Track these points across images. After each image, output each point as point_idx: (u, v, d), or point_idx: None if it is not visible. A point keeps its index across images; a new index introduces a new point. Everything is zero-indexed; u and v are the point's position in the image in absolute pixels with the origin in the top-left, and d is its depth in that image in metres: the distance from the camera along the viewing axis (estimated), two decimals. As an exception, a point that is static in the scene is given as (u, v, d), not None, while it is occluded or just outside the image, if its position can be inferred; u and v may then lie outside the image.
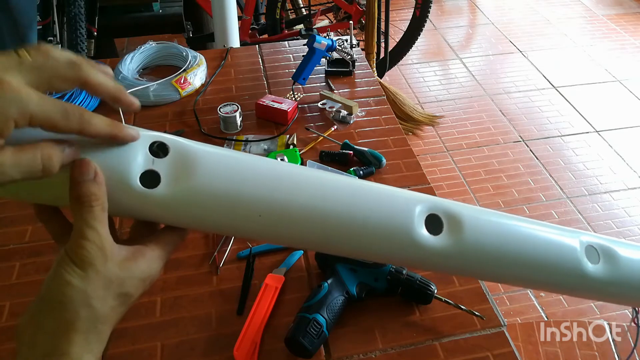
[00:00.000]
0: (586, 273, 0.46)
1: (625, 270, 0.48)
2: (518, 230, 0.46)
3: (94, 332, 0.35)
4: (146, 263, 0.37)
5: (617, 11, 3.30)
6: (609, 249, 0.48)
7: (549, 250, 0.46)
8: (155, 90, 1.07)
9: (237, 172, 0.40)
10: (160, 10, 2.24)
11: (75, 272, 0.34)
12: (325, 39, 1.11)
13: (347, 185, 0.43)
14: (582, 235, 0.48)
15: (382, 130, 1.01)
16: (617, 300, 0.51)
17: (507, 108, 2.46)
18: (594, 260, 0.47)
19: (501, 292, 1.63)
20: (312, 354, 0.62)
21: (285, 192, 0.40)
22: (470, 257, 0.44)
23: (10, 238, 0.79)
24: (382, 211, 0.42)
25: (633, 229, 1.85)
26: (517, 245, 0.45)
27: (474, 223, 0.44)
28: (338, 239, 0.42)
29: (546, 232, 0.47)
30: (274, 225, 0.40)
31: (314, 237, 0.42)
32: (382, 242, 0.42)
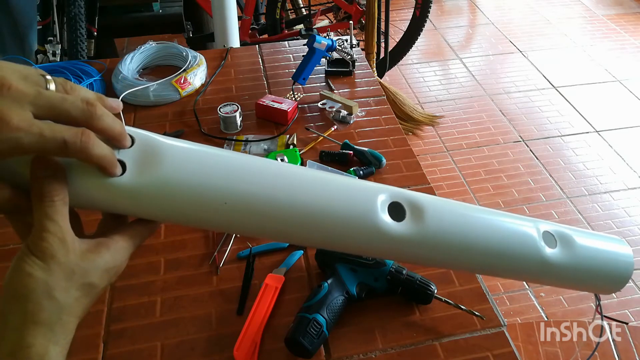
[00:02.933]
0: (544, 257, 0.48)
1: (582, 255, 0.49)
2: (479, 217, 0.48)
3: (59, 324, 0.35)
4: (109, 254, 0.37)
5: (617, 11, 3.30)
6: (566, 235, 0.50)
7: (509, 236, 0.48)
8: (155, 90, 1.07)
9: (202, 163, 0.40)
10: (160, 10, 2.24)
11: (36, 264, 0.34)
12: (325, 39, 1.11)
13: (312, 177, 0.44)
14: (540, 223, 0.50)
15: (382, 130, 1.01)
16: (576, 285, 0.53)
17: (507, 108, 2.46)
18: (552, 245, 0.49)
19: (501, 292, 1.63)
20: (312, 354, 0.62)
21: (249, 183, 0.40)
22: (433, 243, 0.45)
23: (10, 238, 0.79)
24: (347, 200, 0.43)
25: (633, 229, 1.85)
26: (478, 232, 0.46)
27: (436, 211, 0.45)
28: (304, 228, 0.42)
29: (506, 220, 0.49)
30: (240, 214, 0.40)
31: (281, 227, 0.42)
32: (347, 230, 0.43)
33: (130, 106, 1.07)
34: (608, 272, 0.51)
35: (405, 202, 0.45)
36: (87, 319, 0.68)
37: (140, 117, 1.04)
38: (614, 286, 0.53)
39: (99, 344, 0.66)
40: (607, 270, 0.51)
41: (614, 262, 0.52)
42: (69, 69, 1.12)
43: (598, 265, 0.51)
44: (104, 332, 0.67)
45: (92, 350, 0.65)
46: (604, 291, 0.54)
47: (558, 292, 1.64)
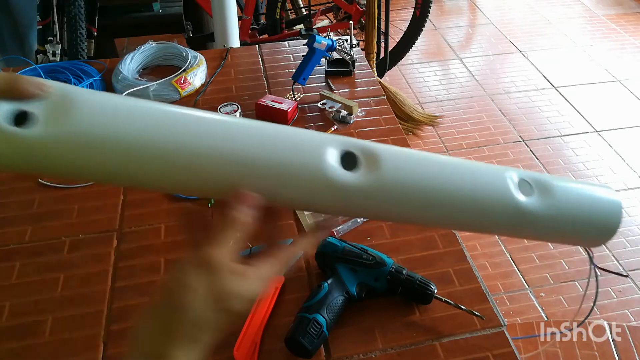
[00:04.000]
0: (519, 206, 0.44)
1: (563, 202, 0.45)
2: (442, 164, 0.44)
3: (200, 345, 0.36)
4: (255, 283, 0.38)
5: (617, 11, 3.30)
6: (543, 181, 0.46)
7: (477, 185, 0.44)
8: (155, 90, 1.07)
9: (121, 113, 0.37)
10: (160, 10, 2.24)
11: (203, 281, 0.35)
12: (325, 39, 1.11)
13: (251, 126, 0.40)
14: (514, 171, 0.46)
15: (382, 130, 1.01)
16: (559, 236, 0.49)
17: (507, 108, 2.46)
18: (528, 192, 0.45)
19: (501, 292, 1.63)
20: (312, 354, 0.62)
21: (181, 133, 0.37)
22: (390, 193, 0.41)
23: (10, 238, 0.79)
24: (294, 148, 0.40)
25: (633, 229, 1.85)
26: (442, 180, 0.43)
27: (393, 158, 0.42)
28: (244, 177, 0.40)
29: (475, 168, 0.45)
30: (149, 164, 0.37)
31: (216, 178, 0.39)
32: (296, 181, 0.40)
33: (130, 106, 1.07)
34: (594, 219, 0.47)
35: (358, 150, 0.41)
36: (87, 319, 0.68)
37: (140, 117, 1.04)
38: (602, 236, 0.48)
39: (99, 344, 0.66)
40: (594, 218, 0.46)
41: (601, 207, 0.47)
42: (69, 69, 1.12)
43: (582, 213, 0.46)
44: (104, 332, 0.67)
45: (92, 350, 0.65)
46: (592, 242, 0.50)
47: (558, 292, 1.64)
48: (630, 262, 1.73)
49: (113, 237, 0.80)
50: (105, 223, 0.82)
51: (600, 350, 1.44)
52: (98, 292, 0.72)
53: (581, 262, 1.73)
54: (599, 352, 1.44)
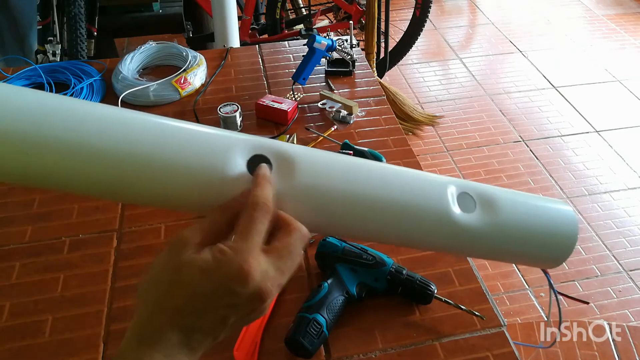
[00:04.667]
0: (455, 222, 0.41)
1: (508, 219, 0.42)
2: (371, 171, 0.41)
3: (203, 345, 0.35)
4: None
5: (617, 11, 3.30)
6: (488, 196, 0.42)
7: (411, 195, 0.41)
8: (155, 90, 1.07)
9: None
10: (160, 10, 2.24)
11: (240, 286, 0.33)
12: (325, 39, 1.11)
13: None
14: (456, 183, 0.43)
15: (382, 130, 1.01)
16: (507, 256, 0.45)
17: (507, 108, 2.46)
18: (469, 207, 0.42)
19: (501, 292, 1.63)
20: (312, 354, 0.62)
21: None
22: (306, 199, 0.38)
23: (10, 238, 0.79)
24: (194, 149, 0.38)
25: (633, 229, 1.85)
26: (369, 188, 0.40)
27: (309, 163, 0.39)
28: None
29: (409, 177, 0.42)
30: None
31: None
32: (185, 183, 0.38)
33: (130, 106, 1.07)
34: (547, 238, 0.43)
35: (270, 154, 0.39)
36: (87, 319, 0.68)
37: (140, 117, 1.04)
38: (556, 256, 0.44)
39: (99, 344, 0.66)
40: (546, 236, 0.43)
41: (553, 225, 0.43)
42: (69, 69, 1.12)
43: (532, 231, 0.43)
44: (104, 332, 0.67)
45: (92, 350, 0.65)
46: (546, 263, 0.46)
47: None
48: (630, 262, 1.73)
49: (113, 237, 0.80)
50: (105, 223, 0.82)
51: (600, 350, 1.44)
52: (98, 292, 0.72)
53: (581, 262, 1.73)
54: (599, 352, 1.44)
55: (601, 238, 1.81)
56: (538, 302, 1.60)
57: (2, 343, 0.66)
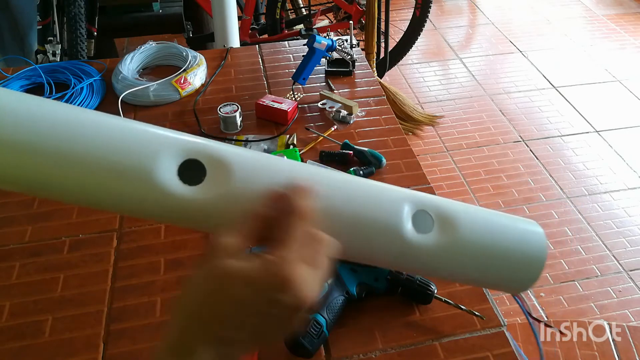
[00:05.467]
0: (406, 243, 0.38)
1: (468, 242, 0.39)
2: (315, 177, 0.38)
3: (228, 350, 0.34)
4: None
5: (617, 11, 3.30)
6: (448, 216, 0.40)
7: (364, 208, 0.38)
8: (155, 90, 1.07)
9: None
10: (160, 10, 2.24)
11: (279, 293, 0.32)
12: (325, 39, 1.11)
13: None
14: (415, 198, 0.40)
15: (382, 130, 1.01)
16: (467, 279, 0.43)
17: (507, 108, 2.46)
18: (425, 227, 0.39)
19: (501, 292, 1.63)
20: (312, 354, 0.62)
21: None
22: (240, 205, 0.36)
23: (10, 238, 0.79)
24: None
25: (633, 229, 1.85)
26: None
27: (245, 167, 0.37)
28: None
29: (369, 190, 0.40)
30: None
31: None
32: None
33: (130, 106, 1.07)
34: (511, 262, 0.41)
35: (203, 157, 0.37)
36: (87, 319, 0.68)
37: (140, 117, 1.04)
38: (521, 281, 0.42)
39: (99, 344, 0.66)
40: (510, 260, 0.40)
41: (520, 247, 0.41)
42: (69, 69, 1.12)
43: (494, 255, 0.40)
44: (104, 332, 0.67)
45: (92, 350, 0.65)
46: (510, 288, 0.44)
47: (558, 292, 1.64)
48: (630, 262, 1.73)
49: (113, 237, 0.80)
50: (105, 223, 0.82)
51: (600, 350, 1.44)
52: (98, 292, 0.72)
53: (581, 262, 1.73)
54: (599, 352, 1.44)
55: (601, 238, 1.81)
56: (538, 302, 1.60)
57: (2, 343, 0.66)
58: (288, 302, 0.33)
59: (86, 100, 1.05)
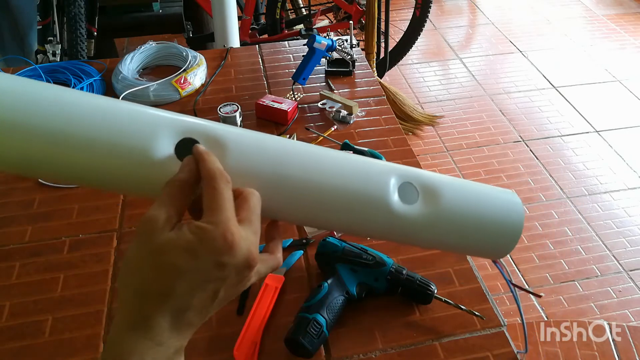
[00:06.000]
0: (394, 213, 0.41)
1: (450, 211, 0.42)
2: (306, 154, 0.40)
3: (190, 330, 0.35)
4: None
5: (617, 11, 3.30)
6: (431, 187, 0.42)
7: (352, 181, 0.40)
8: (155, 90, 1.07)
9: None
10: (160, 10, 2.24)
11: (226, 259, 0.33)
12: (325, 39, 1.11)
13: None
14: (401, 171, 0.42)
15: (382, 130, 1.01)
16: (450, 247, 0.45)
17: (507, 108, 2.46)
18: (411, 198, 0.41)
19: (501, 292, 1.63)
20: (312, 354, 0.62)
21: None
22: (237, 182, 0.37)
23: (10, 238, 0.79)
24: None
25: (633, 229, 1.85)
26: (302, 171, 0.39)
27: (239, 144, 0.39)
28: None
29: (354, 164, 0.41)
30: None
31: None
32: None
33: (130, 106, 1.07)
34: (490, 229, 0.43)
35: (200, 137, 0.38)
36: (87, 319, 0.68)
37: (140, 117, 1.04)
38: (501, 247, 0.44)
39: (99, 344, 0.66)
40: (489, 228, 0.43)
41: (498, 214, 0.43)
42: (69, 69, 1.12)
43: (475, 222, 0.42)
44: (104, 332, 0.67)
45: (92, 350, 0.65)
46: (491, 254, 0.46)
47: (558, 292, 1.64)
48: (630, 262, 1.73)
49: (113, 237, 0.80)
50: (105, 223, 0.82)
51: (600, 350, 1.44)
52: (98, 292, 0.72)
53: (581, 262, 1.73)
54: (599, 352, 1.44)
55: (601, 238, 1.81)
56: (538, 302, 1.60)
57: (2, 343, 0.66)
58: (235, 262, 0.33)
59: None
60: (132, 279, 0.34)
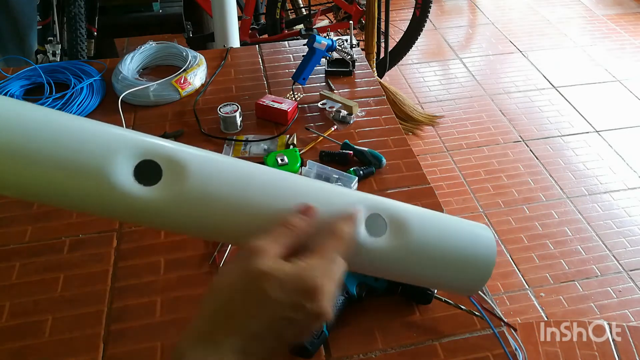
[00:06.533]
0: (360, 243, 0.40)
1: (419, 247, 0.41)
2: (268, 179, 0.40)
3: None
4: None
5: (617, 11, 3.30)
6: (400, 220, 0.41)
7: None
8: (155, 90, 1.07)
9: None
10: (160, 10, 2.24)
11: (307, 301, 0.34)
12: (325, 39, 1.11)
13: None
14: (367, 201, 0.41)
15: (382, 130, 1.01)
16: (418, 281, 0.45)
17: (507, 108, 2.46)
18: (379, 230, 0.41)
19: (501, 292, 1.63)
20: (312, 354, 0.62)
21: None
22: (193, 205, 0.37)
23: (10, 238, 0.79)
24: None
25: (633, 229, 1.85)
26: (264, 197, 0.39)
27: (200, 167, 0.38)
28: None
29: (319, 190, 0.41)
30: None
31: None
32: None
33: (130, 106, 1.07)
34: (460, 265, 0.42)
35: (159, 158, 0.37)
36: (87, 319, 0.68)
37: (140, 117, 1.04)
38: (471, 284, 0.44)
39: (99, 344, 0.66)
40: (459, 263, 0.42)
41: (468, 252, 0.42)
42: (69, 69, 1.12)
43: (444, 258, 0.42)
44: (104, 332, 0.67)
45: (92, 350, 0.65)
46: (461, 290, 0.45)
47: (558, 292, 1.64)
48: (630, 262, 1.73)
49: (113, 237, 0.80)
50: (105, 223, 0.82)
51: (600, 350, 1.44)
52: (98, 292, 0.72)
53: (581, 262, 1.73)
54: (599, 352, 1.44)
55: (601, 238, 1.81)
56: (538, 302, 1.60)
57: (2, 343, 0.66)
58: (312, 310, 0.35)
59: (86, 101, 1.05)
60: (219, 293, 0.35)
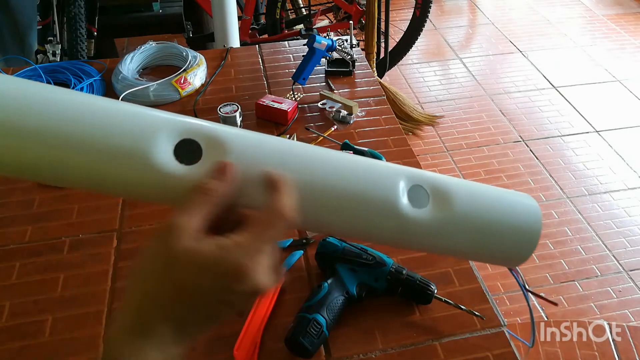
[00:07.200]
0: (403, 218, 0.38)
1: (464, 216, 0.40)
2: (309, 155, 0.39)
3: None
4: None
5: (617, 11, 3.30)
6: (443, 190, 0.40)
7: (357, 184, 0.38)
8: (155, 90, 1.07)
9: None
10: (160, 10, 2.24)
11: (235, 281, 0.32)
12: (325, 39, 1.11)
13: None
14: (406, 175, 0.40)
15: (382, 130, 1.01)
16: (464, 254, 0.44)
17: (507, 108, 2.46)
18: (421, 202, 0.39)
19: (501, 292, 1.63)
20: (312, 354, 0.62)
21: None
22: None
23: (10, 238, 0.79)
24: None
25: (633, 229, 1.85)
26: (306, 173, 0.38)
27: (241, 145, 0.37)
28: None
29: (362, 166, 0.39)
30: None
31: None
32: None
33: (130, 106, 1.07)
34: (506, 236, 0.41)
35: (200, 138, 0.37)
36: (87, 319, 0.68)
37: (140, 117, 1.04)
38: (517, 254, 0.42)
39: (99, 344, 0.66)
40: (505, 234, 0.41)
41: (514, 221, 0.41)
42: (69, 69, 1.12)
43: (489, 228, 0.40)
44: (104, 332, 0.67)
45: (92, 350, 0.65)
46: (506, 262, 0.44)
47: (558, 292, 1.64)
48: (630, 262, 1.73)
49: (113, 237, 0.80)
50: (105, 223, 0.82)
51: (600, 350, 1.44)
52: (98, 292, 0.72)
53: (581, 262, 1.73)
54: (599, 352, 1.44)
55: (601, 238, 1.81)
56: (538, 302, 1.60)
57: (2, 343, 0.66)
58: (243, 291, 0.33)
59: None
60: (142, 280, 0.33)
